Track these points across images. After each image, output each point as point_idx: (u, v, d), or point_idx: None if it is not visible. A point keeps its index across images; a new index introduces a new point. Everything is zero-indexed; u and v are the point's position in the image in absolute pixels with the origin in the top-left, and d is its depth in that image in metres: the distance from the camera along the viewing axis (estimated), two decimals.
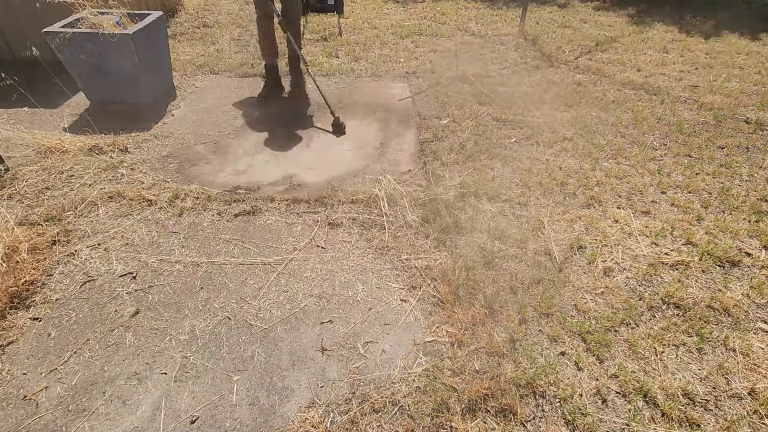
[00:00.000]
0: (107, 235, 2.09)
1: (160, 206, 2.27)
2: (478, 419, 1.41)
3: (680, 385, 1.51)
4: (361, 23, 5.10)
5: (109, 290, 1.84)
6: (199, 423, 1.41)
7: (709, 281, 1.93)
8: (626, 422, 1.42)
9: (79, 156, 2.62)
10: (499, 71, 3.97)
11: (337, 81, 3.75)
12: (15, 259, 1.85)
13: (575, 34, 4.93)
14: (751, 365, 1.59)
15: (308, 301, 1.82)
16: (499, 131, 3.02)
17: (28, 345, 1.63)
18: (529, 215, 2.28)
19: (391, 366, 1.58)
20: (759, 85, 3.76)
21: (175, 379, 1.53)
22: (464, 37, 4.78)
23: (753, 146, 2.91)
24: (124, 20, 3.10)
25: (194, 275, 1.92)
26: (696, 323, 1.73)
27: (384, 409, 1.45)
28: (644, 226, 2.21)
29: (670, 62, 4.22)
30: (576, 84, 3.73)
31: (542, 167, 2.64)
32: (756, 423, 1.42)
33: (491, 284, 1.88)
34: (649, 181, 2.56)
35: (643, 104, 3.43)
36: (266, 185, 2.49)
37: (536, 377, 1.52)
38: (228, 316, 1.75)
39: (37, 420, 1.41)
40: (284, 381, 1.53)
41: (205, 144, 2.83)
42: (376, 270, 1.97)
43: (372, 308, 1.80)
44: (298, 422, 1.41)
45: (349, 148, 2.85)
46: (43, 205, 2.23)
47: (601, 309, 1.79)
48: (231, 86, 3.60)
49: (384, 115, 3.24)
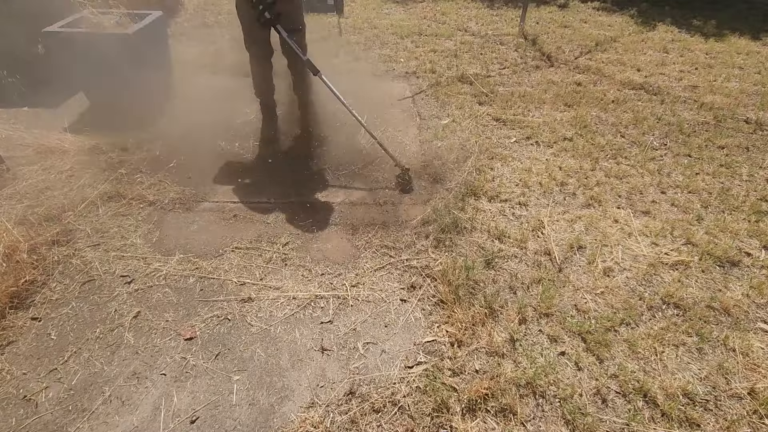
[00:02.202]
0: (107, 235, 2.09)
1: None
2: (478, 419, 1.41)
3: (680, 385, 1.51)
4: (361, 23, 5.10)
5: (109, 290, 1.84)
6: (199, 423, 1.41)
7: (709, 281, 1.93)
8: (626, 422, 1.42)
9: (79, 156, 2.62)
10: (499, 71, 3.97)
11: (336, 81, 3.74)
12: (15, 259, 1.85)
13: (575, 34, 4.93)
14: (751, 365, 1.59)
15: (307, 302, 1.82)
16: (499, 131, 3.02)
17: (28, 345, 1.62)
18: (529, 215, 2.28)
19: (391, 366, 1.58)
20: (759, 85, 3.76)
21: (175, 379, 1.53)
22: (464, 37, 4.78)
23: (753, 146, 2.91)
24: (124, 20, 3.10)
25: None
26: (696, 323, 1.73)
27: (384, 409, 1.45)
28: (644, 226, 2.21)
29: (670, 62, 4.22)
30: (576, 84, 3.73)
31: (542, 167, 2.64)
32: (756, 423, 1.42)
33: (491, 284, 1.88)
34: (649, 181, 2.55)
35: (643, 104, 3.43)
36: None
37: (536, 377, 1.52)
38: (226, 318, 1.75)
39: (36, 420, 1.40)
40: (284, 381, 1.53)
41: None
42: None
43: (372, 308, 1.80)
44: (298, 422, 1.41)
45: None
46: (43, 205, 2.23)
47: (601, 309, 1.79)
48: (231, 86, 3.59)
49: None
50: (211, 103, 3.31)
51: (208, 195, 2.39)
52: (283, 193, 2.42)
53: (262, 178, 2.55)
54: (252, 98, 3.14)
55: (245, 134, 2.97)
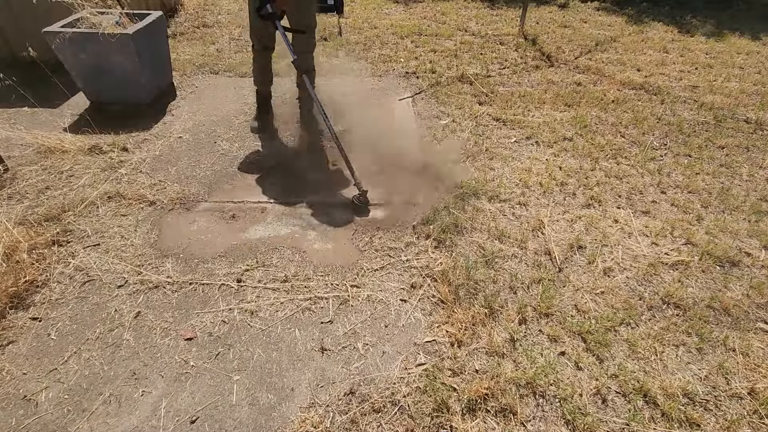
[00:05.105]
0: (107, 235, 2.09)
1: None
2: (478, 419, 1.41)
3: (680, 385, 1.51)
4: (361, 23, 5.10)
5: (109, 290, 1.84)
6: (199, 423, 1.41)
7: (709, 281, 1.93)
8: (626, 422, 1.42)
9: (79, 156, 2.62)
10: (499, 71, 3.97)
11: (336, 81, 3.75)
12: (15, 259, 1.85)
13: (575, 34, 4.93)
14: (751, 365, 1.59)
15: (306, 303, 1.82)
16: (499, 131, 3.02)
17: (28, 345, 1.62)
18: (529, 215, 2.28)
19: (391, 366, 1.58)
20: (759, 85, 3.76)
21: (175, 379, 1.53)
22: (464, 37, 4.78)
23: (753, 146, 2.91)
24: (124, 20, 3.10)
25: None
26: (696, 323, 1.73)
27: (384, 409, 1.45)
28: (644, 226, 2.21)
29: (670, 62, 4.23)
30: (576, 84, 3.73)
31: (542, 167, 2.64)
32: (756, 423, 1.42)
33: (491, 284, 1.88)
34: (649, 181, 2.56)
35: (643, 104, 3.43)
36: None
37: (536, 377, 1.52)
38: (226, 318, 1.75)
39: (36, 420, 1.40)
40: (284, 381, 1.53)
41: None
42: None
43: (372, 308, 1.80)
44: (298, 422, 1.41)
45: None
46: (43, 205, 2.23)
47: (601, 309, 1.79)
48: (231, 86, 3.60)
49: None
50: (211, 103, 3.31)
51: (207, 195, 2.39)
52: (281, 193, 2.42)
53: (261, 178, 2.56)
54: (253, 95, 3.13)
55: (245, 135, 2.96)
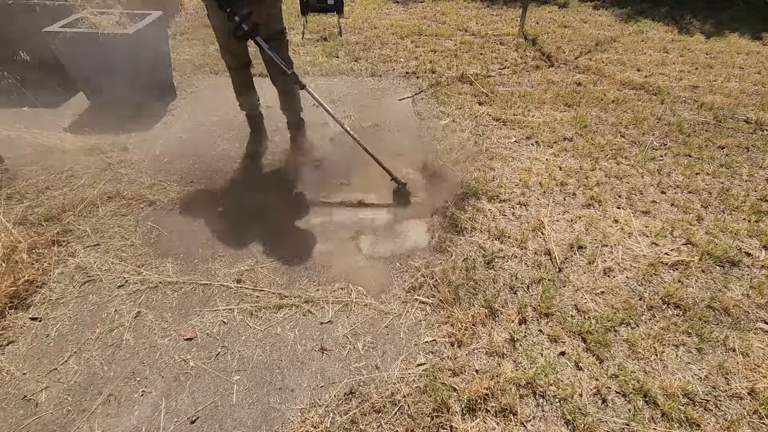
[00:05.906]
0: (107, 235, 2.09)
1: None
2: (478, 419, 1.41)
3: (680, 385, 1.51)
4: (361, 23, 5.10)
5: (109, 290, 1.84)
6: (199, 423, 1.41)
7: (709, 281, 1.93)
8: (626, 422, 1.42)
9: (79, 156, 2.62)
10: (499, 71, 3.97)
11: (337, 81, 3.75)
12: (14, 259, 1.85)
13: (575, 34, 4.92)
14: (751, 365, 1.59)
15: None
16: (499, 131, 3.02)
17: (28, 345, 1.62)
18: (529, 215, 2.28)
19: (391, 366, 1.58)
20: (759, 85, 3.76)
21: (175, 379, 1.53)
22: (464, 37, 4.78)
23: (753, 146, 2.90)
24: (124, 20, 3.10)
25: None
26: (696, 323, 1.73)
27: (384, 409, 1.45)
28: (644, 226, 2.21)
29: (670, 62, 4.22)
30: (576, 84, 3.73)
31: (542, 167, 2.64)
32: (756, 423, 1.42)
33: (491, 284, 1.88)
34: (649, 181, 2.55)
35: (643, 104, 3.43)
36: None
37: (536, 377, 1.52)
38: (226, 318, 1.75)
39: (36, 420, 1.40)
40: (284, 381, 1.53)
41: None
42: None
43: (372, 308, 1.80)
44: (298, 422, 1.41)
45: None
46: (43, 205, 2.23)
47: (601, 309, 1.79)
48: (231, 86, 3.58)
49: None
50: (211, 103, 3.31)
51: (208, 195, 2.39)
52: (281, 198, 2.42)
53: (261, 178, 2.56)
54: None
55: (245, 135, 2.96)
